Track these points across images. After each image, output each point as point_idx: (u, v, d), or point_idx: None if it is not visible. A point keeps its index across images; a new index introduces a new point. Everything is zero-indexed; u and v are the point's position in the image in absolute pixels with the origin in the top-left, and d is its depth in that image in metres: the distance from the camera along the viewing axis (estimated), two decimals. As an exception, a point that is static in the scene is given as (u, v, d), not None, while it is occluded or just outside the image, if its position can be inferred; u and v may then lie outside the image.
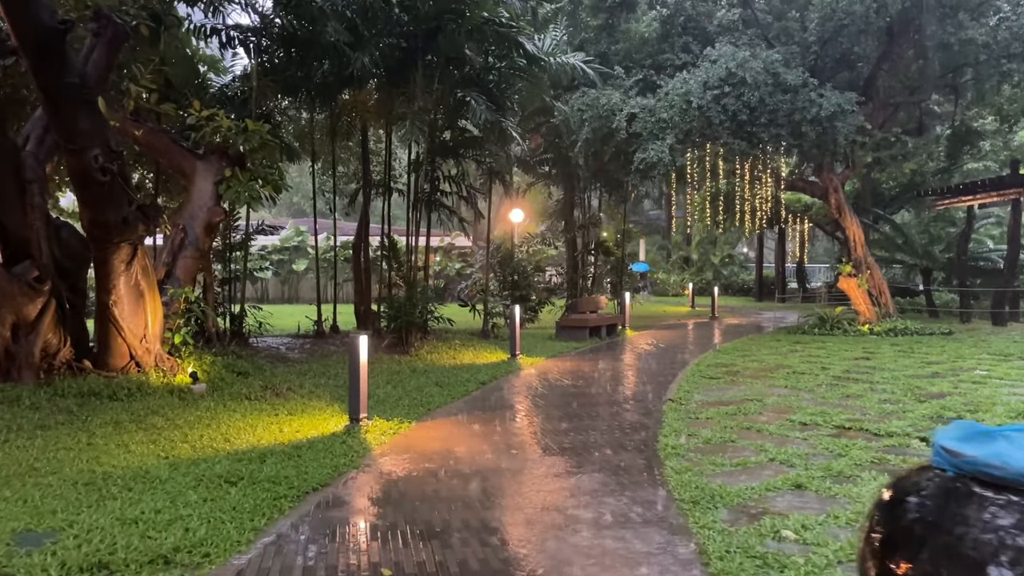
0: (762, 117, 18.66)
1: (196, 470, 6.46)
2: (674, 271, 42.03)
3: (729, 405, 9.68)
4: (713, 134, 19.42)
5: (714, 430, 8.25)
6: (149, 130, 12.42)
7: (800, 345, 16.67)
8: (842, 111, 17.78)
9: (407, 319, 14.26)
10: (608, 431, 8.36)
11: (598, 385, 11.70)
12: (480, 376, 12.19)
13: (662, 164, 18.48)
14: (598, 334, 18.34)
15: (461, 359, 14.11)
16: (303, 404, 9.62)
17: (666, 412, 9.31)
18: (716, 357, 14.74)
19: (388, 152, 17.42)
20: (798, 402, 9.88)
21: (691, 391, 10.81)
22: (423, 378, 11.86)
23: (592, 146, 21.43)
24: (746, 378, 12.02)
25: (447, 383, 11.47)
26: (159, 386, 9.75)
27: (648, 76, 21.46)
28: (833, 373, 12.36)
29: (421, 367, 13.00)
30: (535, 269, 22.79)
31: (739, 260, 42.43)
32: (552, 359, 14.79)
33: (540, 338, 18.02)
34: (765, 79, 18.14)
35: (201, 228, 11.74)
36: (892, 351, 15.28)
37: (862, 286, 19.18)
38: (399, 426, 8.47)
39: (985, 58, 19.34)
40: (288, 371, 11.92)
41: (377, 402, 9.83)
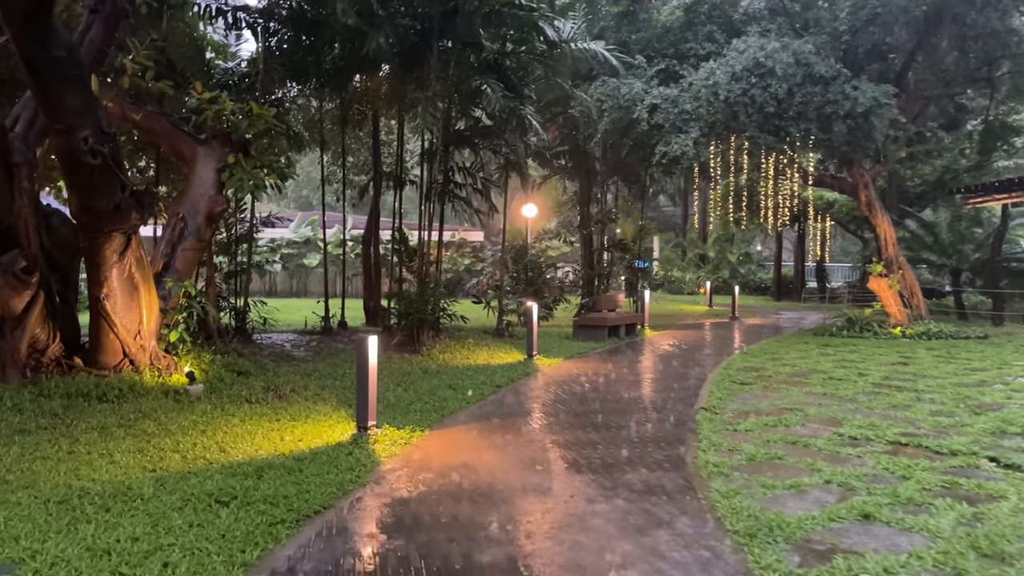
0: (791, 110, 17.86)
1: (184, 486, 5.76)
2: (689, 269, 41.16)
3: (768, 415, 8.93)
4: (739, 127, 18.63)
5: (756, 444, 7.50)
6: (149, 114, 11.72)
7: (830, 348, 15.87)
8: (879, 105, 16.94)
9: (419, 316, 13.54)
10: (639, 443, 7.62)
11: (622, 390, 10.96)
12: (496, 378, 11.46)
13: (686, 158, 17.70)
14: (616, 334, 17.59)
15: (475, 359, 13.39)
16: (307, 408, 8.91)
17: (700, 423, 8.56)
18: (744, 360, 13.97)
19: (400, 142, 16.70)
20: (841, 412, 9.12)
21: (724, 398, 10.06)
22: (435, 380, 11.15)
23: (611, 138, 20.67)
24: (780, 384, 11.26)
25: (461, 386, 10.74)
26: (153, 386, 9.06)
27: (670, 66, 20.68)
28: (872, 380, 11.58)
29: (433, 368, 12.29)
30: (549, 265, 22.06)
31: (756, 258, 41.51)
32: (571, 360, 14.05)
33: (556, 337, 17.28)
34: (795, 71, 17.33)
35: (202, 218, 11.04)
36: (930, 356, 14.47)
37: (893, 287, 18.35)
38: (410, 435, 7.75)
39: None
40: (292, 371, 11.22)
41: (387, 407, 9.12)
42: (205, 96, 10.95)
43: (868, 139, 17.33)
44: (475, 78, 13.36)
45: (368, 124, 20.05)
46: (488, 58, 14.23)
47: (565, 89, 18.24)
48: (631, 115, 19.14)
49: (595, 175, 24.18)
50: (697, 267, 41.54)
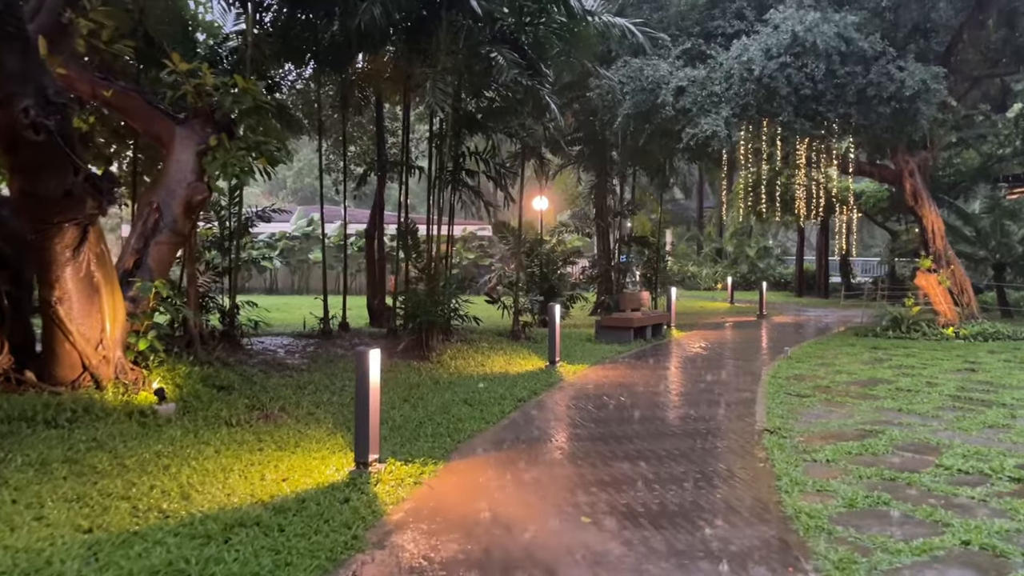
0: (828, 93, 16.34)
1: (123, 559, 4.33)
2: (706, 264, 39.65)
3: (845, 439, 7.49)
4: (772, 111, 17.12)
5: (849, 482, 6.06)
6: (121, 90, 10.28)
7: (881, 351, 14.39)
8: (927, 89, 15.40)
9: (427, 319, 12.10)
10: (703, 480, 6.17)
11: (664, 404, 9.51)
12: (517, 391, 10.02)
13: (717, 139, 16.18)
14: (642, 335, 16.13)
15: (491, 367, 11.94)
16: (297, 432, 7.48)
17: (770, 450, 7.11)
18: (791, 366, 12.50)
19: (406, 127, 15.25)
20: (931, 435, 7.68)
21: (786, 416, 8.60)
22: (448, 393, 9.70)
23: (631, 124, 19.16)
24: (843, 397, 9.80)
25: (478, 401, 9.30)
26: (116, 406, 7.63)
27: (696, 46, 19.14)
28: (946, 391, 10.12)
29: (445, 378, 10.84)
30: (565, 261, 20.59)
31: (775, 253, 39.93)
32: (597, 367, 12.60)
33: (577, 339, 15.82)
34: (838, 46, 15.80)
35: (179, 208, 9.60)
36: (997, 362, 12.99)
37: (943, 283, 16.84)
38: (421, 471, 6.32)
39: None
40: (283, 383, 9.77)
41: (392, 430, 7.68)
42: (182, 68, 9.51)
43: (913, 124, 15.81)
44: (488, 49, 11.84)
45: (371, 109, 18.62)
46: (503, 30, 12.76)
47: (586, 68, 16.79)
48: (655, 98, 17.63)
49: (612, 165, 22.69)
50: (714, 262, 40.03)
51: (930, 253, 17.17)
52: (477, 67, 13.09)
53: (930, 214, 17.38)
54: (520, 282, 16.28)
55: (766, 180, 23.99)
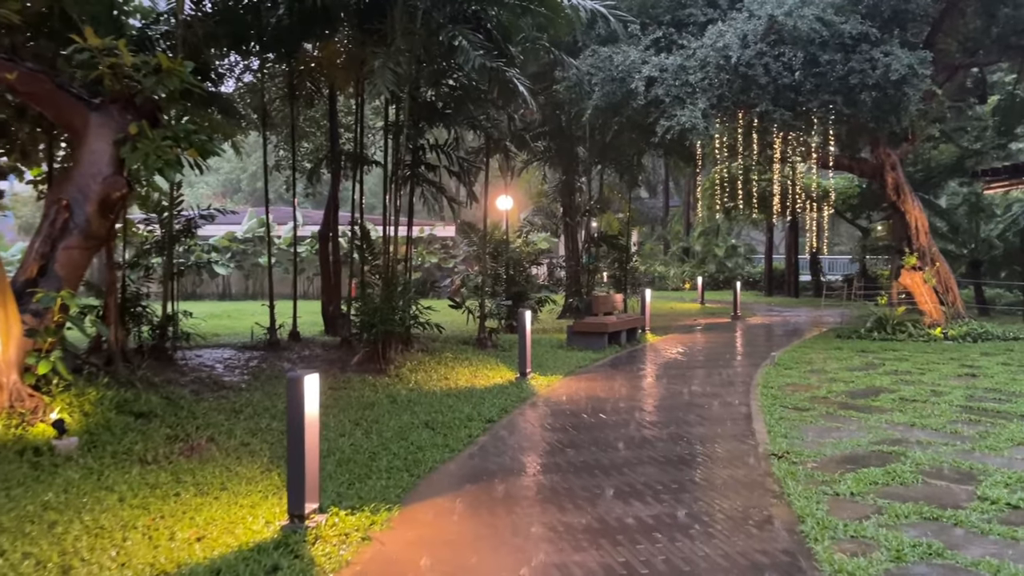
0: (807, 82, 15.50)
1: None
2: (673, 264, 38.89)
3: (866, 464, 6.51)
4: (750, 101, 16.24)
5: (886, 525, 5.07)
6: (26, 73, 8.93)
7: (871, 355, 13.54)
8: (914, 74, 14.62)
9: (385, 328, 10.92)
10: (713, 525, 5.12)
11: (651, 423, 8.46)
12: (485, 409, 8.90)
13: (695, 132, 15.24)
14: (617, 340, 15.11)
15: (456, 380, 10.80)
16: (226, 470, 6.28)
17: (782, 480, 6.08)
18: (780, 374, 11.55)
19: (359, 118, 14.02)
20: (958, 456, 6.74)
21: (789, 435, 7.61)
22: (407, 414, 8.54)
23: (600, 117, 18.17)
24: (845, 409, 8.85)
25: (441, 423, 8.16)
26: (6, 442, 6.36)
27: (667, 35, 18.19)
28: (954, 401, 9.23)
29: (404, 394, 9.67)
30: (532, 262, 19.55)
31: (743, 251, 39.30)
32: (572, 377, 11.53)
33: (547, 346, 14.75)
34: (819, 31, 14.95)
35: (93, 206, 8.32)
36: (995, 365, 12.19)
37: (928, 281, 16.08)
38: (371, 520, 5.18)
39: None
40: (216, 406, 8.52)
41: (339, 464, 6.52)
42: (94, 43, 8.25)
43: (899, 112, 15.01)
44: (448, 30, 10.69)
45: (324, 102, 17.39)
46: (465, 10, 11.64)
47: (553, 57, 15.72)
48: (626, 88, 16.64)
49: (579, 161, 21.68)
50: (681, 261, 39.32)
51: (914, 250, 16.40)
52: (437, 50, 11.94)
53: (913, 209, 16.62)
54: (486, 285, 15.15)
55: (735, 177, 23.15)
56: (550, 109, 20.02)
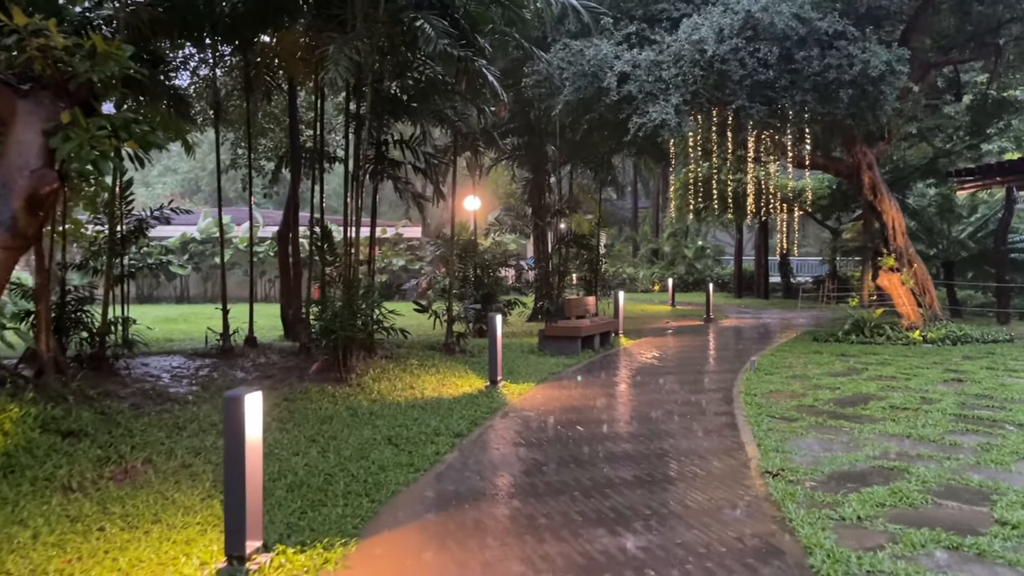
0: (783, 78, 15.11)
1: None
2: (642, 266, 38.51)
3: (868, 483, 6.00)
4: (725, 97, 15.79)
5: (903, 556, 4.55)
6: (-53, 56, 8.13)
7: (852, 359, 13.13)
8: (891, 71, 14.28)
9: (346, 334, 10.21)
10: (711, 559, 4.53)
11: (632, 436, 7.87)
12: (453, 422, 8.25)
13: (667, 128, 14.74)
14: (590, 345, 14.54)
15: (422, 389, 10.13)
16: (162, 498, 5.57)
17: (781, 503, 5.53)
18: (762, 380, 11.06)
19: (320, 111, 13.28)
20: (965, 472, 6.28)
21: (780, 448, 7.08)
22: (368, 429, 7.87)
23: (570, 114, 17.60)
24: (835, 419, 8.36)
25: (405, 438, 7.51)
26: (-93, 469, 5.60)
27: (640, 30, 17.69)
28: (948, 409, 8.79)
29: (365, 406, 8.99)
30: (502, 263, 18.94)
31: (712, 253, 39.07)
32: (546, 385, 10.93)
33: (518, 351, 14.13)
34: (796, 27, 14.56)
35: (20, 201, 7.53)
36: (980, 369, 11.84)
37: (907, 283, 15.75)
38: (324, 558, 4.53)
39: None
40: (157, 422, 7.77)
41: (290, 490, 5.84)
42: (23, 24, 7.48)
43: (877, 109, 14.66)
44: (412, 16, 10.01)
45: (283, 97, 16.64)
46: (431, -3, 10.99)
47: (522, 51, 15.13)
48: (598, 83, 16.10)
49: (548, 160, 21.11)
50: (650, 263, 38.98)
51: (891, 251, 16.06)
52: (401, 39, 11.27)
53: (890, 209, 16.28)
54: (454, 287, 14.48)
55: (707, 177, 22.75)
56: (519, 106, 19.43)
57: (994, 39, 17.87)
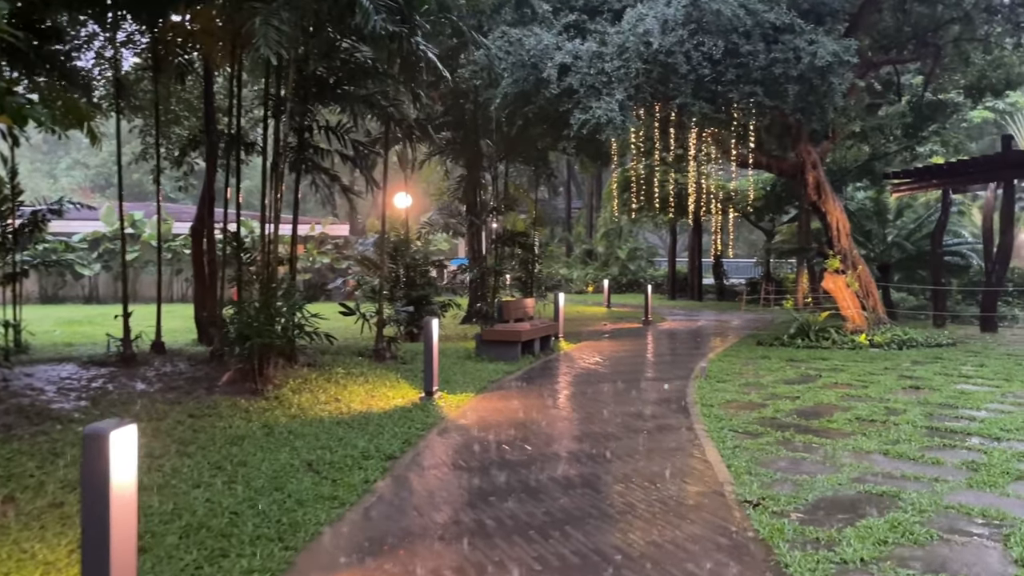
0: (728, 72, 14.59)
1: None
2: (576, 266, 37.97)
3: (860, 512, 5.32)
4: (669, 92, 15.18)
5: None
6: None
7: (803, 364, 12.62)
8: (840, 62, 13.90)
9: (262, 340, 9.10)
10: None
11: (587, 457, 7.02)
12: (384, 442, 7.27)
13: (612, 126, 14.04)
14: (530, 349, 13.70)
15: (349, 402, 9.10)
16: (15, 553, 4.45)
17: (771, 541, 4.76)
18: (715, 388, 10.39)
19: (238, 94, 12.06)
20: (956, 496, 5.69)
21: (754, 471, 6.34)
22: (285, 452, 6.82)
23: (509, 106, 16.76)
24: (802, 434, 7.70)
25: (328, 463, 6.50)
26: None
27: (580, 21, 16.97)
28: (917, 421, 8.24)
29: (283, 423, 7.92)
30: (436, 264, 17.96)
31: (645, 254, 38.81)
32: (486, 396, 10.02)
33: (454, 356, 13.20)
34: (743, 19, 14.04)
35: None
36: (933, 375, 11.46)
37: (851, 286, 15.41)
38: (220, 639, 3.52)
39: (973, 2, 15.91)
40: (30, 447, 6.56)
41: (184, 535, 4.79)
42: None
43: (826, 102, 14.25)
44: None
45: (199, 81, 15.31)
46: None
47: (460, 39, 14.20)
48: (539, 74, 15.31)
49: (483, 156, 20.23)
50: (584, 264, 38.49)
51: (836, 252, 15.70)
52: (328, 14, 10.19)
53: (835, 210, 15.94)
54: (384, 288, 13.44)
55: (645, 176, 22.23)
56: (454, 98, 18.51)
57: (934, 39, 17.77)
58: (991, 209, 19.14)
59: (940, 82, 19.70)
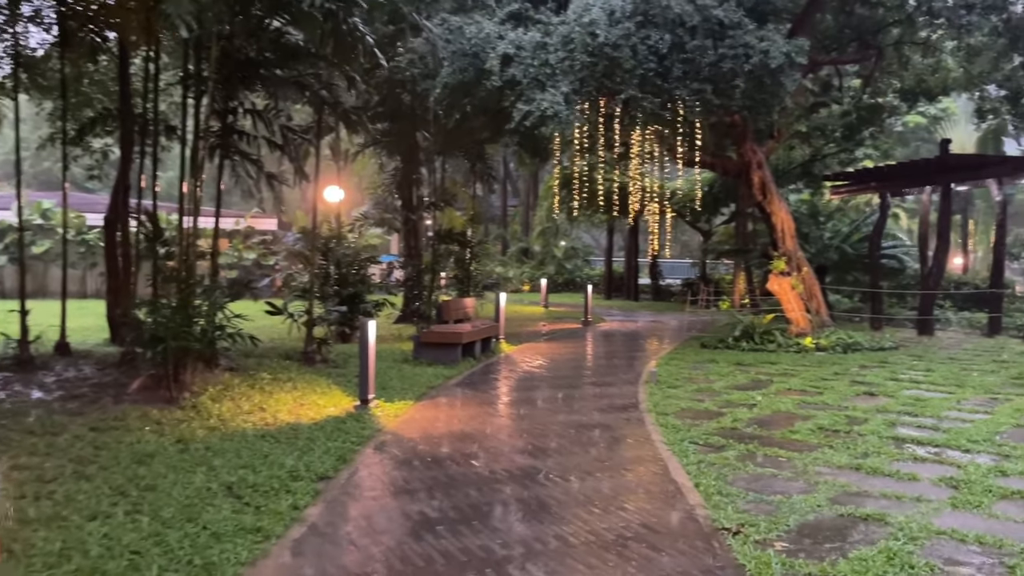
0: (675, 69, 14.19)
1: None
2: (512, 264, 37.40)
3: (848, 539, 4.88)
4: (615, 87, 14.69)
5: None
6: None
7: (753, 369, 12.28)
8: (791, 63, 13.63)
9: (178, 343, 8.21)
10: None
11: (537, 474, 6.40)
12: (315, 460, 6.50)
13: (557, 120, 13.49)
14: (471, 352, 13.03)
15: (275, 412, 8.26)
16: None
17: (761, 581, 4.21)
18: (667, 395, 9.91)
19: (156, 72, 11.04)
20: (943, 518, 5.30)
21: (723, 490, 5.83)
22: (202, 472, 5.99)
23: (449, 97, 16.05)
24: (767, 446, 7.25)
25: (252, 486, 5.71)
26: None
27: (523, 10, 16.37)
28: (880, 431, 7.90)
29: (200, 437, 7.06)
30: (370, 260, 17.10)
31: (582, 253, 38.49)
32: (426, 403, 9.31)
33: (390, 359, 12.44)
34: (691, 14, 13.66)
35: None
36: (883, 379, 11.27)
37: (796, 288, 15.20)
38: None
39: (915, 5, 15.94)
40: None
41: (73, 585, 3.98)
42: None
43: (775, 101, 14.00)
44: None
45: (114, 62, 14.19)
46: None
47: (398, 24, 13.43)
48: (480, 64, 14.66)
49: (420, 149, 19.46)
50: (520, 262, 37.95)
51: (782, 254, 15.47)
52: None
53: (780, 210, 15.71)
54: (314, 286, 12.57)
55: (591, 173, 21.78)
56: (390, 87, 17.68)
57: (875, 41, 17.75)
58: (927, 213, 19.29)
59: (879, 85, 19.76)
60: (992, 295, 17.31)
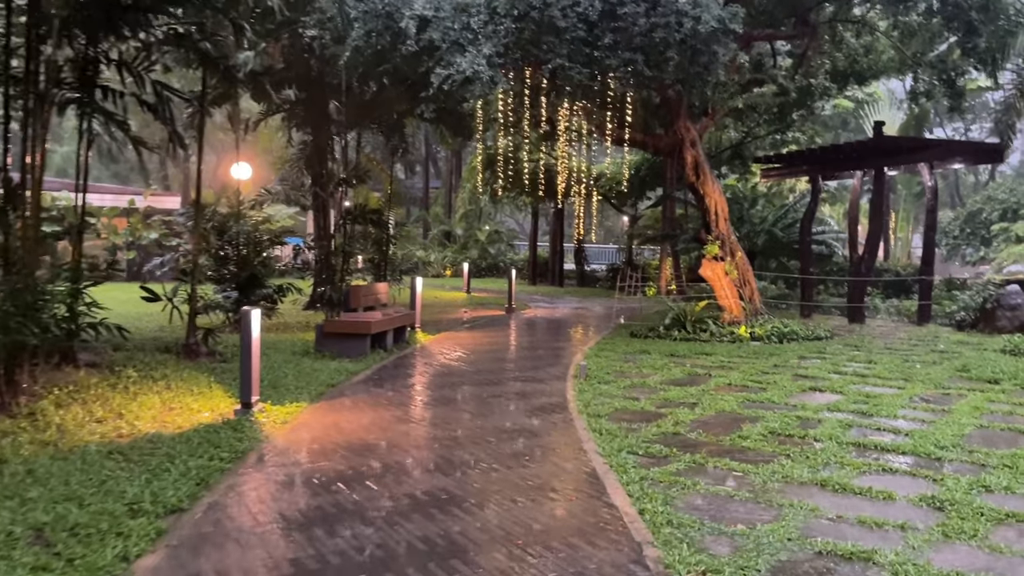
0: (606, 36, 13.16)
1: None
2: (434, 248, 36.03)
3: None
4: (543, 56, 13.56)
5: None
6: None
7: (687, 361, 11.36)
8: (724, 30, 12.75)
9: (13, 338, 6.71)
10: None
11: (459, 500, 5.23)
12: (168, 484, 5.17)
13: (480, 82, 12.29)
14: (382, 343, 11.74)
15: (134, 419, 6.85)
16: None
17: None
18: (598, 391, 8.86)
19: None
20: (937, 550, 4.37)
21: (674, 519, 4.79)
22: (9, 508, 4.59)
23: (361, 63, 14.64)
24: (716, 456, 6.26)
25: (72, 528, 4.36)
26: None
27: (443, -32, 15.03)
28: (837, 436, 7.01)
29: (25, 455, 5.63)
30: (272, 241, 15.59)
31: (506, 237, 37.37)
32: (323, 405, 8.01)
33: (289, 352, 11.06)
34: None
35: None
36: (825, 372, 10.50)
37: (730, 274, 14.40)
38: None
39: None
40: None
41: None
42: None
43: (708, 73, 13.12)
44: None
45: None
46: None
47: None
48: (395, 26, 13.31)
49: (332, 121, 17.96)
50: (442, 246, 36.60)
51: (715, 238, 14.63)
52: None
53: (714, 192, 14.86)
54: (198, 267, 11.03)
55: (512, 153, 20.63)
56: (297, 52, 16.13)
57: (814, 17, 17.04)
58: (858, 197, 18.83)
59: (811, 66, 19.14)
60: (922, 283, 16.92)
